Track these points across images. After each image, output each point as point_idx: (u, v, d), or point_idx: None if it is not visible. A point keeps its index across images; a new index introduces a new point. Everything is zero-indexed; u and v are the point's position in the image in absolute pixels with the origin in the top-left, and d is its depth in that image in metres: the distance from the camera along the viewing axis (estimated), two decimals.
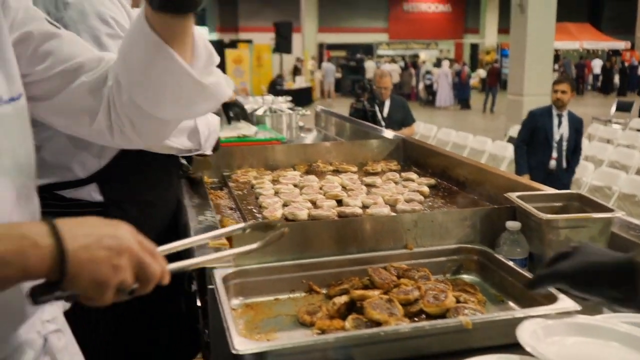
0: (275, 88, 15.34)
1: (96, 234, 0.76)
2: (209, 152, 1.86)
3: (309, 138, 3.77)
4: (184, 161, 1.99)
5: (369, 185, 2.14)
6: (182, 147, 1.70)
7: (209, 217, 1.77)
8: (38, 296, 0.74)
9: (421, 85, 20.36)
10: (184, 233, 1.75)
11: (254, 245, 1.07)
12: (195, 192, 2.08)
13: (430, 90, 19.63)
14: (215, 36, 26.04)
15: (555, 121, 4.93)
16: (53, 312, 1.04)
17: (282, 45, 11.35)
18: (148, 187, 1.72)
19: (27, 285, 0.75)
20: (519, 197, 1.54)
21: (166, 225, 1.80)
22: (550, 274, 1.08)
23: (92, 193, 1.57)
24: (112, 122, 1.09)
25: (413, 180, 2.20)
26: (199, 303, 1.49)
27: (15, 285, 0.74)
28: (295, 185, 2.12)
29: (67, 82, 1.05)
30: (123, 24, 1.54)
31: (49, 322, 1.02)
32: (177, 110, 1.10)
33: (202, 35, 1.02)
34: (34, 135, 0.99)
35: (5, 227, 0.75)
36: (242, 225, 1.10)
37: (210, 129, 1.80)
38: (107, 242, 0.76)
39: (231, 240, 1.43)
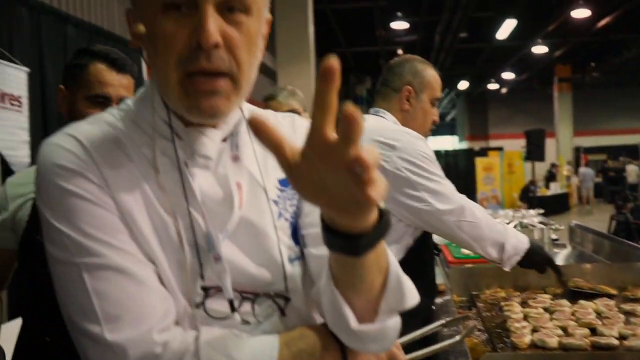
0: (527, 195, 14.91)
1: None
2: (507, 268, 2.13)
3: (563, 255, 3.63)
4: None
5: (627, 314, 2.01)
6: (488, 256, 2.08)
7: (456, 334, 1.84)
8: None
9: None
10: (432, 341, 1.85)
11: (457, 338, 1.39)
12: (446, 311, 2.17)
13: None
14: (465, 145, 26.46)
15: None
16: None
17: (534, 153, 11.11)
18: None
19: None
20: None
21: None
22: None
23: None
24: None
25: None
26: None
27: None
28: (545, 310, 2.09)
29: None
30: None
31: None
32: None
33: (400, 277, 0.87)
34: None
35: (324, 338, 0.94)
36: (443, 321, 1.48)
37: (517, 251, 2.09)
38: None
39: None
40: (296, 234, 1.01)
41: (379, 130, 2.10)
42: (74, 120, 1.01)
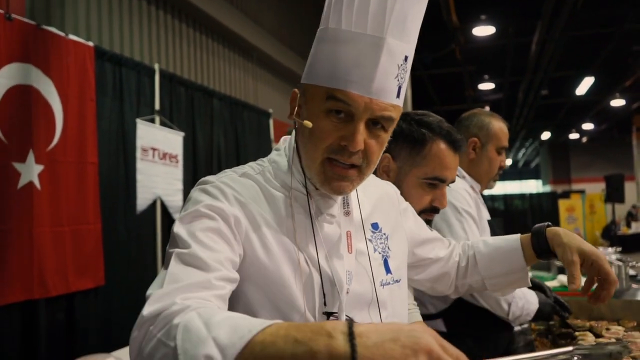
0: (609, 234, 13.81)
1: (391, 333, 0.64)
2: (516, 326, 2.01)
3: None
4: None
5: None
6: (493, 310, 1.87)
7: None
8: None
9: None
10: None
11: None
12: (524, 338, 2.07)
13: None
14: (548, 188, 25.04)
15: None
16: None
17: (614, 195, 10.34)
18: (485, 325, 1.85)
19: None
20: None
21: None
22: None
23: (439, 324, 1.83)
24: (457, 285, 1.37)
25: None
26: None
27: None
28: (618, 340, 1.93)
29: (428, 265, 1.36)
30: (471, 212, 1.89)
31: None
32: (508, 293, 1.39)
33: None
34: None
35: (319, 323, 0.69)
36: (570, 348, 1.12)
37: (524, 312, 1.91)
38: (403, 341, 0.63)
39: None
40: (387, 265, 1.11)
41: None
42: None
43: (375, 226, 1.12)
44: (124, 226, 3.83)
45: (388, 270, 1.10)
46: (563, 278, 2.84)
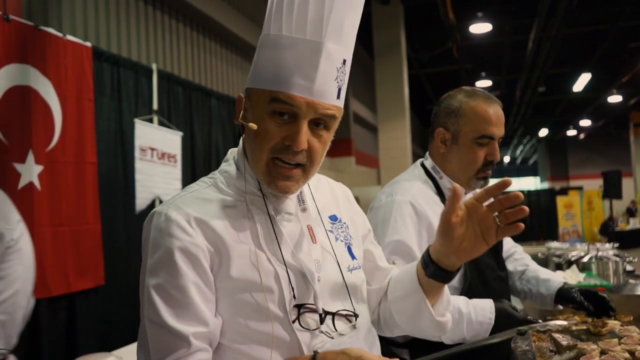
0: (607, 230, 13.84)
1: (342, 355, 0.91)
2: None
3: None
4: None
5: None
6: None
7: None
8: None
9: None
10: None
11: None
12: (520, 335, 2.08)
13: None
14: (546, 185, 25.09)
15: None
16: None
17: (611, 192, 10.34)
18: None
19: None
20: None
21: None
22: None
23: (405, 356, 1.65)
24: (377, 315, 1.27)
25: None
26: None
27: None
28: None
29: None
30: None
31: None
32: (416, 330, 1.21)
33: (447, 290, 1.17)
34: None
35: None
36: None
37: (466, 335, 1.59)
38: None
39: None
40: (351, 251, 1.16)
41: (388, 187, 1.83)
42: None
43: (334, 218, 1.17)
44: (123, 226, 3.84)
45: (353, 256, 1.15)
46: (562, 274, 2.86)
